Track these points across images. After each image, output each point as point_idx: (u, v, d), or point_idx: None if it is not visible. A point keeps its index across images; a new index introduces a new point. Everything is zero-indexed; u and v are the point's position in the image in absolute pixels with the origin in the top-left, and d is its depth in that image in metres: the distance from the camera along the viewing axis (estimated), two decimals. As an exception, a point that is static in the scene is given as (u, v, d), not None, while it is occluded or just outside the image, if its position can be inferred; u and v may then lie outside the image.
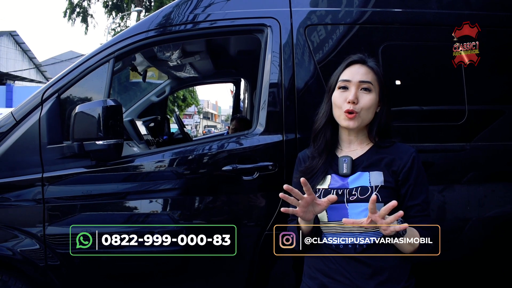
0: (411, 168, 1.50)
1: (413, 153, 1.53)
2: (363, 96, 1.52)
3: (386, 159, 1.53)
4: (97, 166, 2.17)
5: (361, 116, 1.52)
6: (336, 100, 1.55)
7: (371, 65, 1.57)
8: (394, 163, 1.51)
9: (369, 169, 1.52)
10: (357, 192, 1.49)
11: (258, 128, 2.21)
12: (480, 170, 2.29)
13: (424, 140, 2.25)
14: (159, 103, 4.60)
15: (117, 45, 2.28)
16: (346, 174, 1.54)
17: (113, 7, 25.38)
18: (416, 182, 1.50)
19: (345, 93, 1.53)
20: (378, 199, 1.44)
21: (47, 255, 2.13)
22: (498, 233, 2.25)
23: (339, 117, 1.55)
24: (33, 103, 2.24)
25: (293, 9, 2.28)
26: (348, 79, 1.54)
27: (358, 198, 1.48)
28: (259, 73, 2.27)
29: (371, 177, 1.51)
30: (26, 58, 27.87)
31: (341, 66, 1.60)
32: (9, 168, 2.20)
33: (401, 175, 1.50)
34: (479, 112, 2.29)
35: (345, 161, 1.54)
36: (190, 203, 2.22)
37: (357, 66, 1.56)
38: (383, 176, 1.50)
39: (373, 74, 1.55)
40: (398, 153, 1.53)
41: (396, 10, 2.31)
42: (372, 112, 1.54)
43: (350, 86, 1.53)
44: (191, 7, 2.35)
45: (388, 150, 1.55)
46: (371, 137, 1.57)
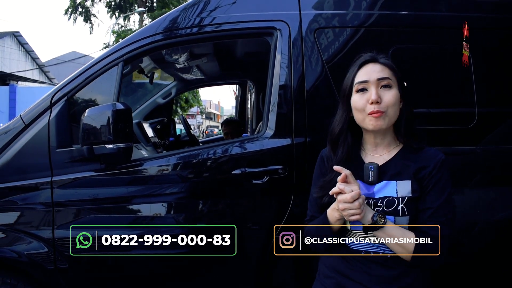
0: (436, 173, 1.41)
1: (441, 158, 1.44)
2: (385, 94, 1.42)
3: (413, 166, 1.44)
4: (106, 170, 2.17)
5: (388, 115, 1.42)
6: (357, 103, 1.45)
7: (383, 61, 1.48)
8: (422, 170, 1.43)
9: (396, 178, 1.44)
10: (382, 204, 1.42)
11: (267, 132, 2.21)
12: (490, 173, 2.29)
13: (434, 144, 2.23)
14: (165, 105, 4.61)
15: (125, 49, 2.28)
16: (372, 182, 1.45)
17: (116, 7, 25.46)
18: (436, 186, 1.41)
19: (365, 94, 1.44)
20: (405, 212, 1.39)
21: (56, 258, 2.13)
22: (508, 235, 2.23)
23: (363, 121, 1.45)
24: (42, 107, 2.24)
25: (303, 12, 2.27)
26: (365, 79, 1.45)
27: (384, 211, 1.41)
28: (269, 76, 2.27)
29: (398, 187, 1.43)
30: (29, 59, 27.93)
31: (353, 68, 1.51)
32: (18, 172, 2.20)
33: (426, 181, 1.42)
34: (489, 115, 2.28)
35: (371, 169, 1.45)
36: (196, 206, 2.23)
37: (371, 65, 1.47)
38: (411, 185, 1.42)
39: (389, 69, 1.47)
40: (426, 159, 1.44)
41: (406, 13, 2.30)
42: (397, 109, 1.44)
43: (369, 86, 1.44)
44: (198, 11, 2.36)
45: (416, 156, 1.46)
46: (399, 138, 1.49)
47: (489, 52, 2.32)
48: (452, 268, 2.18)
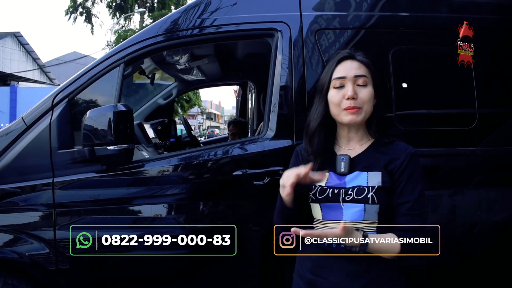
0: (406, 166, 1.47)
1: (411, 151, 1.50)
2: (361, 91, 1.49)
3: (384, 158, 1.50)
4: (107, 171, 2.18)
5: (363, 110, 1.49)
6: (334, 98, 1.51)
7: (361, 58, 1.54)
8: (392, 162, 1.49)
9: (367, 169, 1.49)
10: (353, 192, 1.46)
11: (268, 133, 2.22)
12: (490, 174, 2.29)
13: (434, 145, 2.25)
14: (166, 106, 4.61)
15: (127, 50, 2.29)
16: (343, 173, 1.51)
17: (117, 8, 25.49)
18: (409, 179, 1.46)
19: (342, 90, 1.50)
20: (374, 200, 1.44)
21: (57, 259, 2.14)
22: (508, 236, 2.24)
23: (339, 115, 1.51)
24: (44, 108, 2.25)
25: (303, 13, 2.28)
26: (343, 75, 1.50)
27: (354, 199, 1.46)
28: (270, 77, 2.28)
29: (369, 177, 1.48)
30: (30, 59, 27.92)
31: (331, 64, 1.56)
32: (20, 173, 2.21)
33: (397, 174, 1.47)
34: (489, 116, 2.29)
35: (343, 160, 1.52)
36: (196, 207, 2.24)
37: (349, 62, 1.53)
38: (381, 176, 1.47)
39: (365, 67, 1.52)
40: (397, 152, 1.50)
41: (406, 14, 2.31)
42: (371, 105, 1.52)
43: (346, 82, 1.50)
44: (198, 12, 2.36)
45: (387, 149, 1.52)
46: (371, 132, 1.55)
47: (489, 53, 2.33)
48: (452, 269, 2.19)
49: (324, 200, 1.49)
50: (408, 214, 1.45)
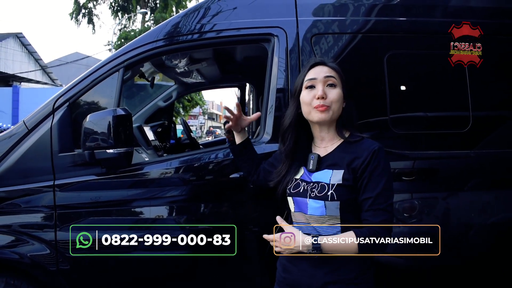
0: (369, 162, 1.53)
1: (374, 148, 1.55)
2: (330, 91, 1.60)
3: (348, 157, 1.58)
4: (107, 174, 2.21)
5: (332, 109, 1.59)
6: (305, 98, 1.63)
7: (331, 65, 1.66)
8: (355, 160, 1.56)
9: (332, 167, 1.59)
10: (316, 189, 1.57)
11: (265, 137, 2.25)
12: (484, 177, 2.31)
13: (429, 148, 2.27)
14: (166, 108, 4.63)
15: (127, 55, 2.32)
16: (311, 170, 1.62)
17: (119, 9, 25.51)
18: (372, 175, 1.53)
19: (313, 91, 1.61)
20: (334, 197, 1.53)
21: (58, 260, 2.18)
22: (502, 238, 2.27)
23: (309, 114, 1.62)
24: (45, 112, 2.28)
25: (300, 18, 2.31)
26: (314, 77, 1.62)
27: (316, 195, 1.56)
28: (266, 81, 2.31)
29: (332, 175, 1.57)
30: (32, 60, 27.98)
31: (304, 69, 1.69)
32: (22, 175, 2.24)
33: (359, 171, 1.54)
34: (483, 120, 2.31)
35: (312, 158, 1.64)
36: (196, 209, 2.27)
37: (320, 67, 1.65)
38: (343, 174, 1.55)
39: (335, 72, 1.64)
40: (361, 150, 1.57)
41: (402, 19, 2.34)
42: (340, 106, 1.62)
43: (316, 83, 1.61)
44: (198, 17, 2.39)
45: (354, 148, 1.59)
46: (339, 133, 1.64)
47: (484, 56, 2.35)
48: (449, 270, 2.22)
49: (296, 195, 1.63)
50: (371, 209, 1.52)
